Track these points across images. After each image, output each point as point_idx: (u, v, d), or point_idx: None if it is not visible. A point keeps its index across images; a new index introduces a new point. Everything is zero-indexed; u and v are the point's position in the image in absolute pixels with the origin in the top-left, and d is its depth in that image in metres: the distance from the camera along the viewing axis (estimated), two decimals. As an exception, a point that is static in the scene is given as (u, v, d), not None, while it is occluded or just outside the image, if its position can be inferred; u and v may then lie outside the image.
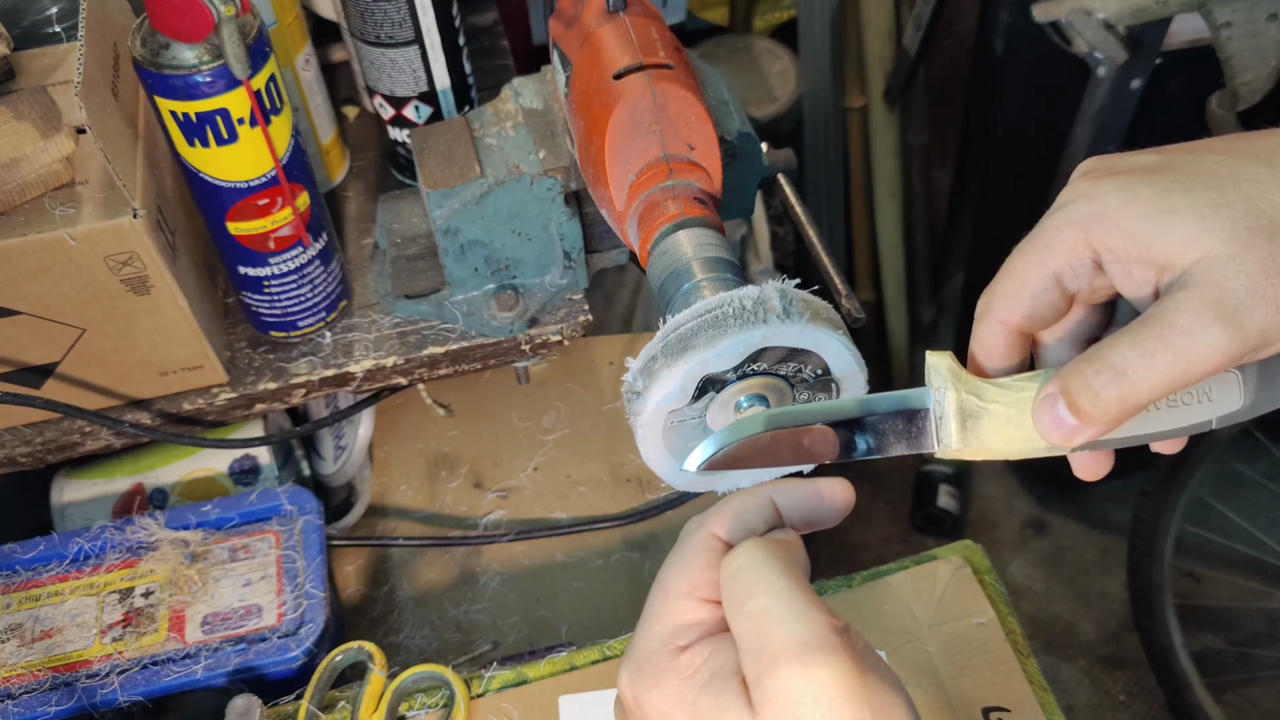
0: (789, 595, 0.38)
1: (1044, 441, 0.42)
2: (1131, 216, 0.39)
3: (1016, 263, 0.43)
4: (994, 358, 0.45)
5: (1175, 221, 0.38)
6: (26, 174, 0.65)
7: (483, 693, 0.66)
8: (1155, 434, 0.43)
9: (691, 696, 0.39)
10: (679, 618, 0.41)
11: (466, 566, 0.87)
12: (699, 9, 1.73)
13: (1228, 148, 0.40)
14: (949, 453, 0.43)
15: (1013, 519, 1.88)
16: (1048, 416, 0.41)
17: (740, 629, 0.38)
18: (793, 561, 0.40)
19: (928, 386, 0.43)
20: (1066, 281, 0.42)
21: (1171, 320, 0.38)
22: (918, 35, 1.51)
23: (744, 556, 0.40)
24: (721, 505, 0.43)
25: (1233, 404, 0.42)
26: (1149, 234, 0.39)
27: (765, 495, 0.43)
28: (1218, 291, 0.37)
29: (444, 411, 0.98)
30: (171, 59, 0.61)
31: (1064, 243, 0.41)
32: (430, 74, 0.80)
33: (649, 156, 0.56)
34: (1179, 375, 0.38)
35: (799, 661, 0.36)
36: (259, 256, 0.70)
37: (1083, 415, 0.40)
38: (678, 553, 0.43)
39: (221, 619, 0.69)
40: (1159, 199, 0.39)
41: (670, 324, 0.46)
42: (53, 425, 0.74)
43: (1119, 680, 1.68)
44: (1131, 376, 0.38)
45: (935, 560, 0.71)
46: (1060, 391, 0.40)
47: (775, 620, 0.37)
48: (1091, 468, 0.45)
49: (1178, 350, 0.37)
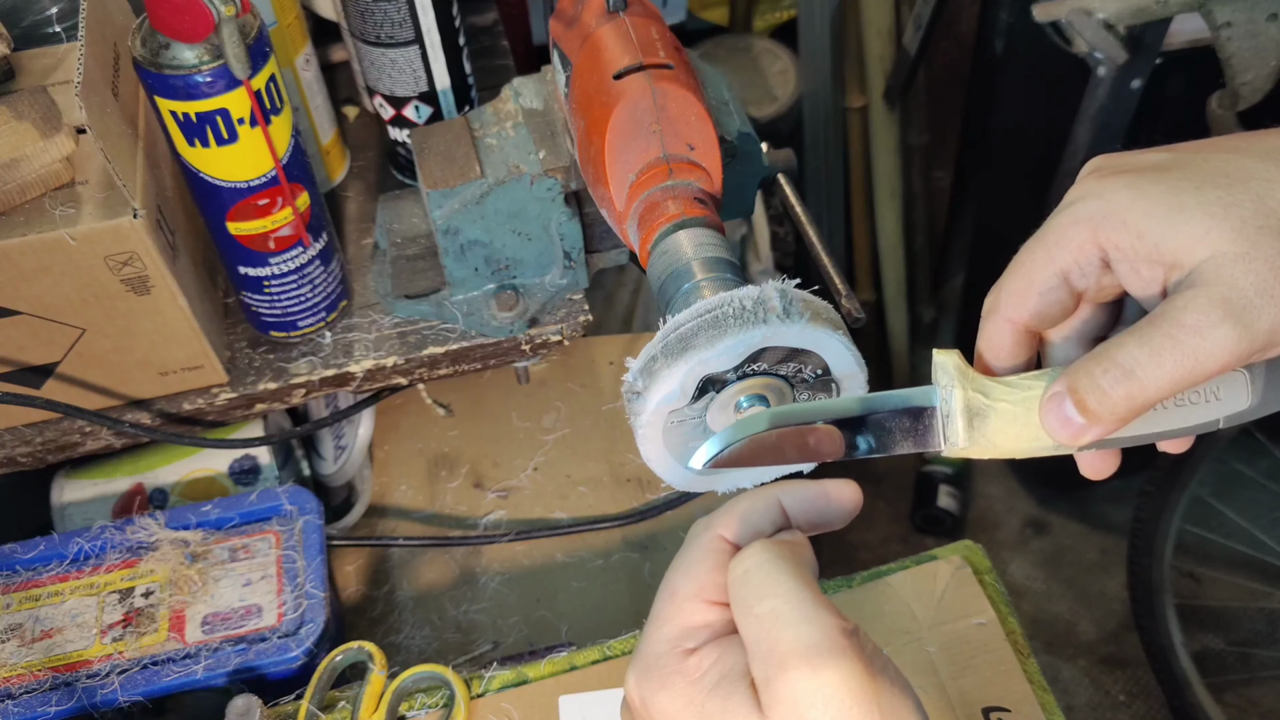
0: (798, 597, 0.38)
1: (1050, 440, 0.42)
2: (1140, 215, 0.39)
3: (1024, 260, 0.43)
4: (1001, 356, 0.45)
5: (1184, 220, 0.38)
6: (26, 174, 0.65)
7: (483, 693, 0.66)
8: (1162, 433, 0.43)
9: (699, 699, 0.39)
10: (686, 620, 0.41)
11: (466, 566, 0.87)
12: (699, 9, 1.73)
13: (1236, 146, 0.40)
14: (955, 451, 0.43)
15: (1013, 519, 1.88)
16: (1054, 415, 0.41)
17: (749, 631, 0.38)
18: (801, 563, 0.40)
19: (934, 384, 0.43)
20: (1074, 280, 0.42)
21: (1180, 319, 0.37)
22: (918, 35, 1.51)
23: (752, 559, 0.40)
24: (729, 507, 0.43)
25: (1240, 403, 0.42)
26: (1157, 232, 0.39)
27: (773, 497, 0.43)
28: (1226, 290, 0.37)
29: (444, 411, 0.98)
30: (171, 59, 0.61)
31: (1072, 241, 0.41)
32: (430, 74, 0.80)
33: (649, 156, 0.56)
34: (1187, 374, 0.38)
35: (808, 664, 0.36)
36: (259, 256, 0.70)
37: (1090, 414, 0.39)
38: (685, 555, 0.43)
39: (221, 619, 0.69)
40: (1168, 197, 0.39)
41: (670, 324, 0.46)
42: (53, 425, 0.74)
43: (1119, 680, 1.68)
44: (1139, 375, 0.38)
45: (935, 560, 0.71)
46: (1067, 390, 0.40)
47: (784, 623, 0.37)
48: (1098, 467, 0.45)
49: (1186, 349, 0.37)
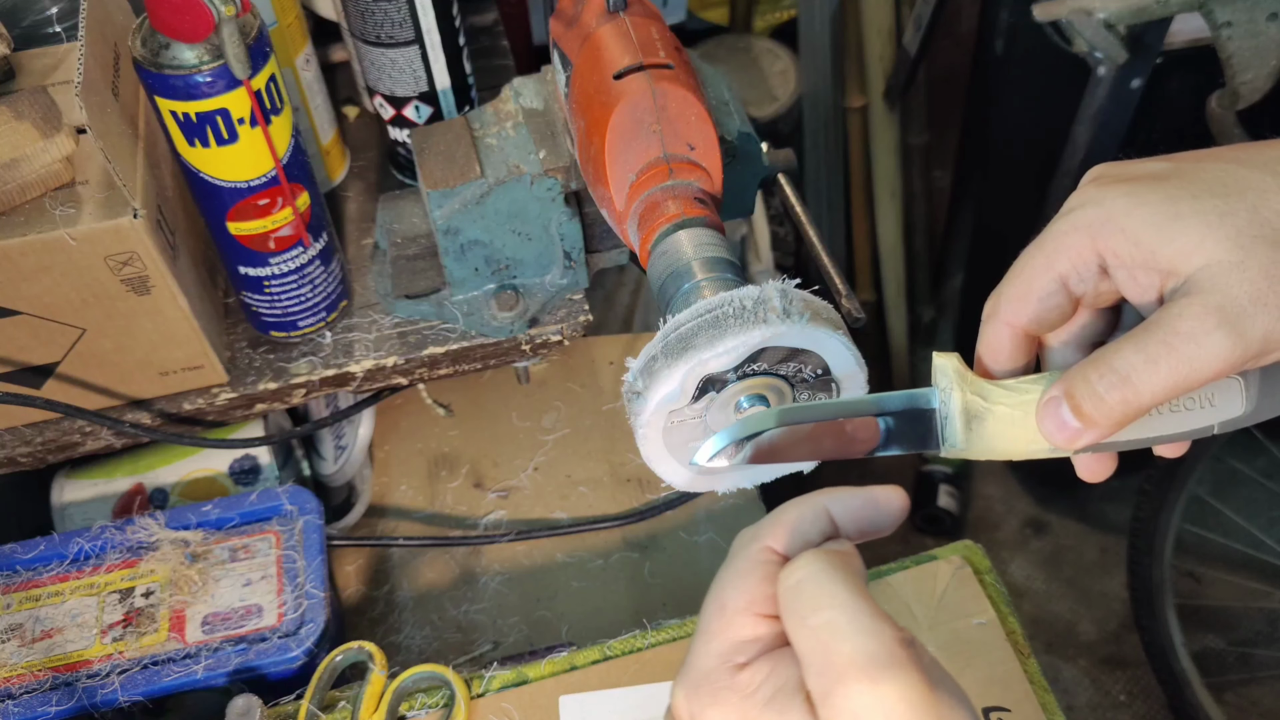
0: (854, 608, 0.37)
1: (1047, 443, 0.42)
2: (1138, 222, 0.40)
3: (1023, 265, 0.43)
4: (1000, 360, 0.45)
5: (1180, 228, 0.39)
6: (27, 174, 0.65)
7: (483, 693, 0.66)
8: (1158, 438, 0.44)
9: (753, 714, 0.38)
10: (737, 634, 0.40)
11: (466, 566, 0.87)
12: (699, 9, 1.73)
13: (1235, 157, 0.41)
14: (954, 452, 0.44)
15: (1013, 519, 1.88)
16: (1051, 419, 0.41)
17: (803, 644, 0.37)
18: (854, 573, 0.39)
19: (933, 387, 0.43)
20: (1072, 285, 0.42)
21: (1175, 326, 0.38)
22: (918, 35, 1.51)
23: (804, 569, 0.38)
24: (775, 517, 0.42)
25: (1235, 410, 0.43)
26: (1154, 240, 0.39)
27: (820, 505, 0.42)
28: (1221, 298, 0.37)
29: (444, 411, 0.98)
30: (172, 59, 0.61)
31: (1071, 247, 0.41)
32: (430, 74, 0.80)
33: (649, 156, 0.56)
34: (1181, 380, 0.38)
35: (867, 677, 0.35)
36: (259, 256, 0.70)
37: (1085, 418, 0.40)
38: (731, 566, 0.42)
39: (222, 619, 0.69)
40: (1165, 205, 0.39)
41: (670, 324, 0.46)
42: (53, 425, 0.74)
43: (1119, 680, 1.68)
44: (1135, 381, 0.39)
45: (935, 560, 0.71)
46: (1064, 395, 0.41)
47: (841, 634, 0.36)
48: (1095, 469, 0.46)
49: (1181, 355, 0.38)
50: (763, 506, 0.89)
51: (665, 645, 0.67)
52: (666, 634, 0.68)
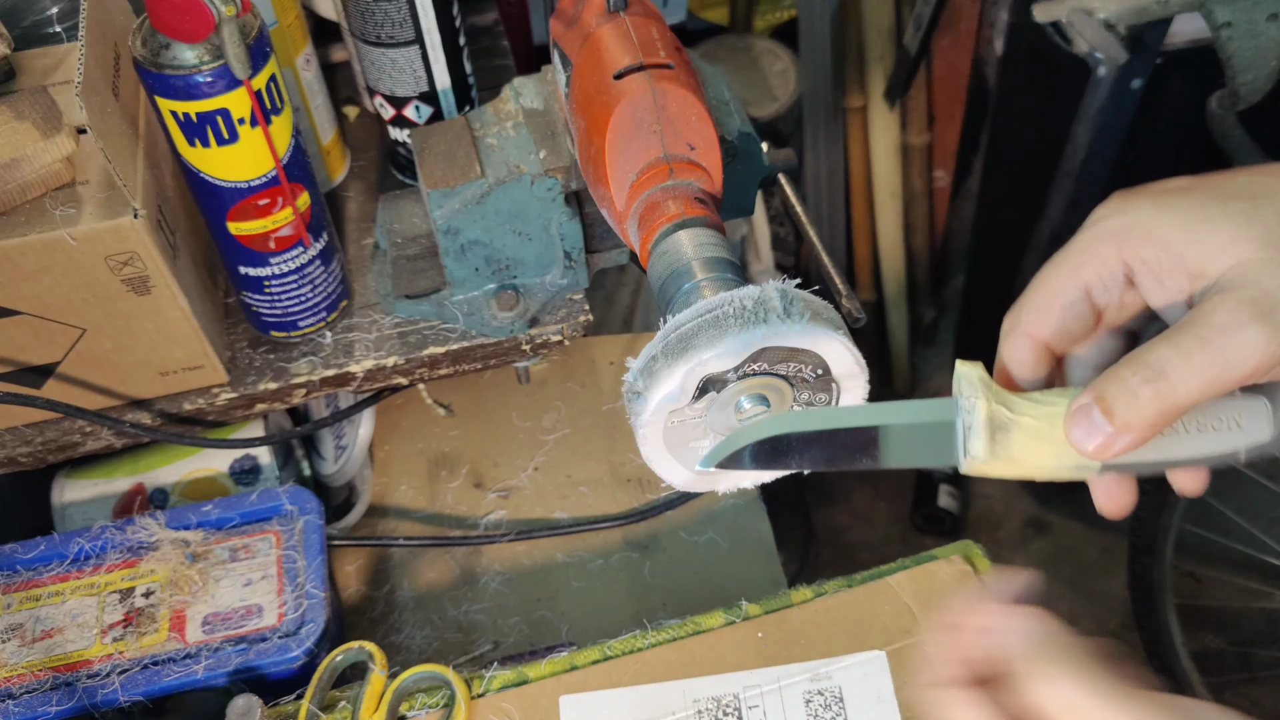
0: None
1: (1073, 458, 0.41)
2: (1165, 227, 0.40)
3: (1047, 275, 0.43)
4: (1022, 372, 0.45)
5: (1209, 229, 0.39)
6: (27, 174, 0.65)
7: (483, 693, 0.66)
8: (1183, 459, 0.42)
9: None
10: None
11: (467, 566, 0.87)
12: (699, 9, 1.73)
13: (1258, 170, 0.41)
14: (975, 466, 0.42)
15: (1013, 519, 1.88)
16: (1081, 425, 0.40)
17: None
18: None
19: (956, 396, 0.42)
20: (1096, 295, 0.43)
21: (1209, 320, 0.38)
22: (918, 35, 1.52)
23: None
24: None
25: (1263, 434, 0.42)
26: (1183, 242, 0.39)
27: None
28: (1254, 292, 0.37)
29: (444, 411, 0.98)
30: (172, 59, 0.61)
31: (1096, 256, 0.42)
32: (431, 74, 0.80)
33: (649, 156, 0.56)
34: (1216, 375, 0.38)
35: None
36: (259, 256, 0.70)
37: (1118, 420, 0.39)
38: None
39: (222, 619, 0.69)
40: (1192, 211, 0.40)
41: (671, 324, 0.46)
42: (53, 425, 0.74)
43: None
44: (1170, 375, 0.38)
45: (935, 560, 0.71)
46: (1095, 399, 0.40)
47: None
48: (1116, 497, 0.45)
49: (1215, 348, 0.37)
50: (763, 506, 0.89)
51: (665, 645, 0.67)
52: (667, 634, 0.68)
